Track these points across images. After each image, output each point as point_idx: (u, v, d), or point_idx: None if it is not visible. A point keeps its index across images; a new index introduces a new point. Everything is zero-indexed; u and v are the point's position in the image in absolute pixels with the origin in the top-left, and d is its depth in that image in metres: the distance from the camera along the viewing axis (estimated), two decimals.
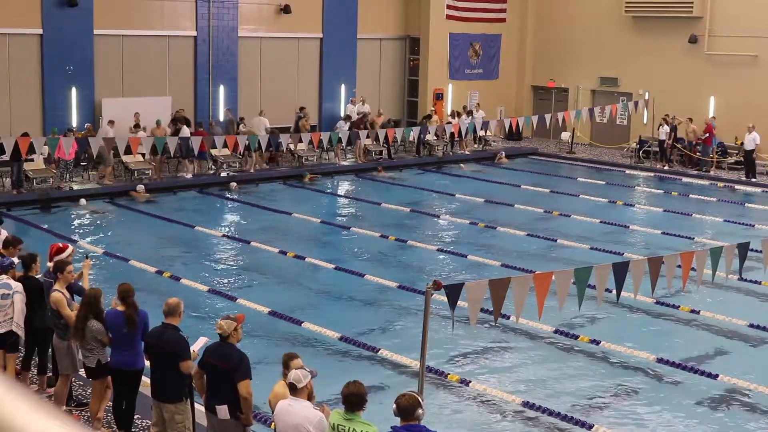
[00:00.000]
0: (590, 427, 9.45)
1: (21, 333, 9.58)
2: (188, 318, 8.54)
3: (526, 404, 10.08)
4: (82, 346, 8.64)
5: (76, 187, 21.50)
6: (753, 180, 25.51)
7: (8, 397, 1.43)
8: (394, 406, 6.32)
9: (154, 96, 25.18)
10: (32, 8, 23.33)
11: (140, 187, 21.54)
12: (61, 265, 9.15)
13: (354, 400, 6.42)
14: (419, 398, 6.45)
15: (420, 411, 6.32)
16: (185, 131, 23.09)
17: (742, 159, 26.68)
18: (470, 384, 10.60)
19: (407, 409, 6.27)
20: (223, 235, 18.31)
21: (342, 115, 29.27)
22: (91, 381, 8.93)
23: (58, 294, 8.99)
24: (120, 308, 8.38)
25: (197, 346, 8.28)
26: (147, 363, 8.48)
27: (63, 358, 9.11)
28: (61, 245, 9.90)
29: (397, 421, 6.43)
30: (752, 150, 25.46)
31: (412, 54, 31.70)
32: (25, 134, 20.00)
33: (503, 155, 28.62)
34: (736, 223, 20.00)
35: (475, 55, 32.17)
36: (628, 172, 27.09)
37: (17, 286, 9.44)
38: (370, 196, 22.68)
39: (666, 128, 27.08)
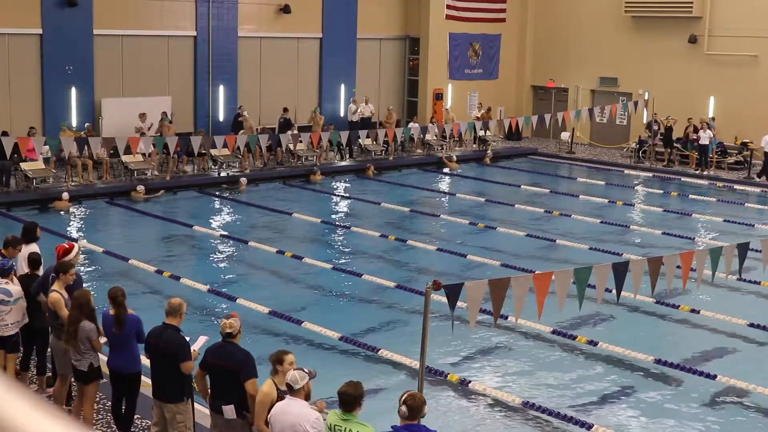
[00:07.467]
0: (590, 427, 9.45)
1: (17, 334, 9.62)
2: (188, 317, 8.51)
3: (526, 404, 10.07)
4: (75, 349, 8.53)
5: (73, 186, 21.47)
6: (755, 180, 25.38)
7: (8, 397, 1.43)
8: (404, 407, 6.33)
9: (154, 96, 25.18)
10: (32, 8, 23.33)
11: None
12: (66, 267, 9.09)
13: (350, 399, 6.44)
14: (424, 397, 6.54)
15: (425, 409, 6.42)
16: None
17: (742, 159, 26.65)
18: (470, 384, 10.60)
19: (418, 408, 6.33)
20: (223, 235, 18.30)
21: (341, 115, 29.31)
22: (82, 386, 8.72)
23: (57, 294, 8.94)
24: (112, 312, 8.37)
25: (198, 345, 8.25)
26: (147, 363, 8.47)
27: (61, 359, 9.07)
28: (66, 245, 9.74)
29: (397, 420, 6.44)
30: None
31: (412, 54, 31.70)
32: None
33: (490, 155, 28.50)
34: (736, 223, 19.99)
35: (474, 55, 32.17)
36: (627, 172, 27.09)
37: (18, 292, 9.40)
38: (370, 196, 22.67)
39: (709, 133, 26.11)
